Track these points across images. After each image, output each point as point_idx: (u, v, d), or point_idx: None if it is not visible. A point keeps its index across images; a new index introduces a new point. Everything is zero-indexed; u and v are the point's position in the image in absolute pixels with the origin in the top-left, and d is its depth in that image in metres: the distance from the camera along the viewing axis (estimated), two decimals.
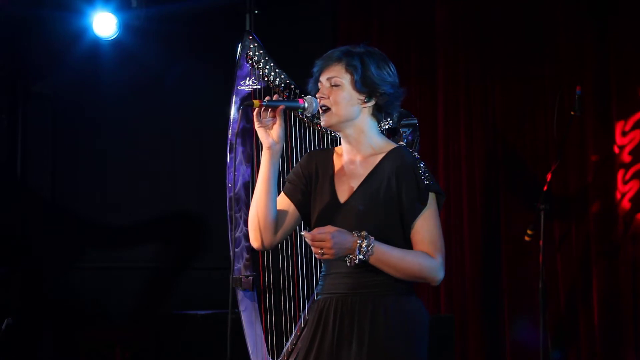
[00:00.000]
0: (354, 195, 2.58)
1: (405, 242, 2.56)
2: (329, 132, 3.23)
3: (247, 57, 3.76)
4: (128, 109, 6.03)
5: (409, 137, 3.55)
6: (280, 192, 2.72)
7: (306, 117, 2.67)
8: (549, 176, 4.79)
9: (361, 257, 2.45)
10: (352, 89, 2.59)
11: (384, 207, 2.54)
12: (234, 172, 3.61)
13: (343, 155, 2.68)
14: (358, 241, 2.44)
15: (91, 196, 6.11)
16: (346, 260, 2.47)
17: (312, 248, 2.46)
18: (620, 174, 5.12)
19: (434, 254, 2.53)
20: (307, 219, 2.68)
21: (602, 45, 5.21)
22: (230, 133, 3.63)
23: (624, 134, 5.13)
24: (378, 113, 2.64)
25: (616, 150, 5.14)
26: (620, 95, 5.14)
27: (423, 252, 2.53)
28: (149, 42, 5.94)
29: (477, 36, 5.66)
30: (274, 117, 2.62)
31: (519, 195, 5.45)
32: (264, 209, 2.61)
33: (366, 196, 2.56)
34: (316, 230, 2.45)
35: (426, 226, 2.54)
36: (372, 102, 2.62)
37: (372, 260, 2.47)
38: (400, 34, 5.90)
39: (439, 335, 4.65)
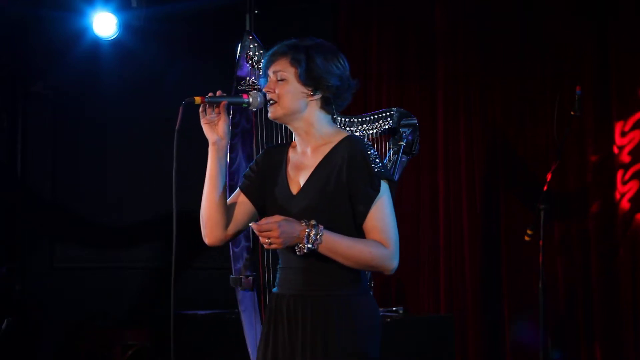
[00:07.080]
0: (304, 186, 2.55)
1: (357, 231, 2.51)
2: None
3: (247, 57, 3.77)
4: (128, 108, 6.03)
5: (409, 137, 3.56)
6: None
7: (252, 111, 2.66)
8: (549, 176, 4.79)
9: (310, 245, 2.40)
10: (297, 83, 2.56)
11: (334, 196, 2.50)
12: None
13: (297, 147, 2.66)
14: (307, 230, 2.40)
15: (91, 196, 6.11)
16: (296, 250, 2.43)
17: (260, 239, 2.42)
18: (619, 174, 5.12)
19: (387, 242, 2.47)
20: (263, 214, 2.63)
21: (602, 45, 5.22)
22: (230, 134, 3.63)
23: (624, 134, 5.13)
24: (327, 105, 2.60)
25: (615, 150, 5.14)
26: (620, 96, 5.15)
27: (375, 240, 2.48)
28: (149, 42, 5.94)
29: (477, 36, 5.65)
30: (218, 113, 2.61)
31: (519, 195, 5.45)
32: (213, 205, 2.59)
33: (316, 187, 2.53)
34: (263, 220, 2.41)
35: (378, 214, 2.49)
36: (319, 95, 2.58)
37: (321, 249, 2.42)
38: (400, 34, 5.90)
39: (439, 335, 4.65)
